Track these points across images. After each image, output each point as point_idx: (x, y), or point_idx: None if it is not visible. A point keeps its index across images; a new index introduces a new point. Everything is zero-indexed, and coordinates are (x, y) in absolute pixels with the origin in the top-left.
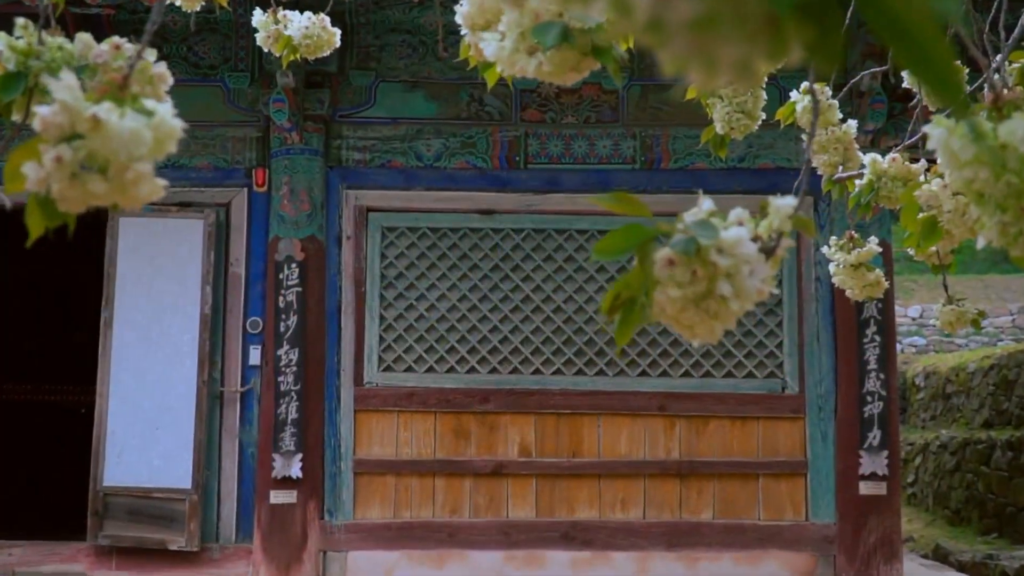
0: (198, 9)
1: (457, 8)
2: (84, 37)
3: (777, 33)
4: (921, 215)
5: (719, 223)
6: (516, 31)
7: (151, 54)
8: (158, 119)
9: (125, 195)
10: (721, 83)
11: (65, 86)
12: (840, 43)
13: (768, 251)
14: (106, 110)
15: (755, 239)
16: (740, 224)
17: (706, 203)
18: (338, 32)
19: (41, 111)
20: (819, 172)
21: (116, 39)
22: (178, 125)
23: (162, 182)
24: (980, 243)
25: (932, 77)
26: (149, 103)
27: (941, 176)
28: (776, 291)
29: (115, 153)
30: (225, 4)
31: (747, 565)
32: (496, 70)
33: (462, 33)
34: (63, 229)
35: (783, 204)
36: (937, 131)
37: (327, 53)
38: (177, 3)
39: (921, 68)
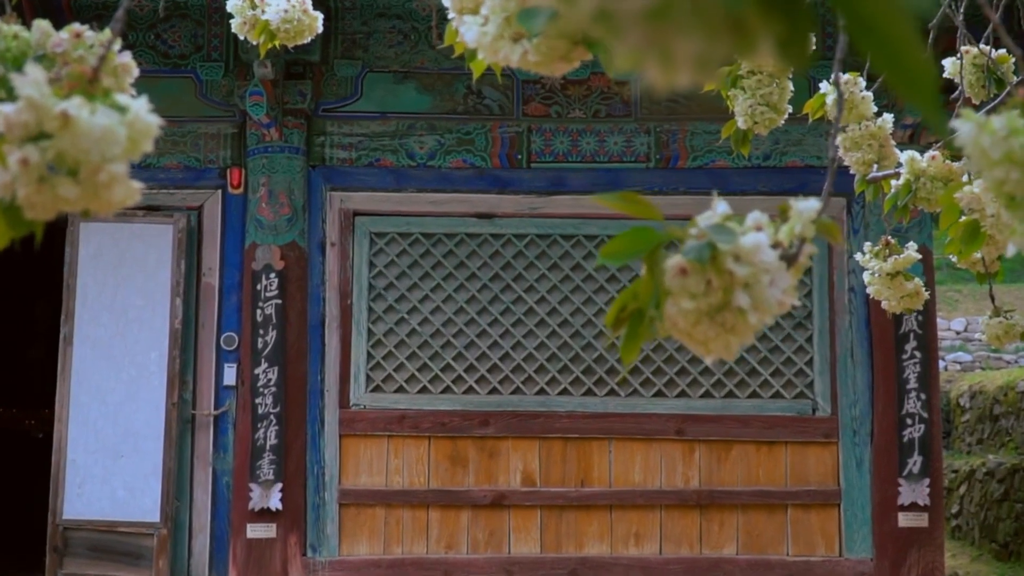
0: None
1: None
2: (42, 24)
3: (740, 27)
4: (962, 219)
5: (736, 228)
6: (500, 15)
7: (115, 43)
8: (132, 115)
9: (98, 199)
10: (680, 79)
11: (31, 81)
12: (809, 37)
13: (789, 259)
14: (76, 106)
15: (775, 245)
16: (759, 229)
17: (721, 206)
18: (320, 16)
19: (4, 109)
20: (852, 171)
21: (77, 26)
22: (154, 122)
23: (138, 185)
24: (1010, 250)
25: (906, 83)
26: (122, 98)
27: None
28: (803, 303)
29: (86, 153)
30: None
31: None
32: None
33: (451, 17)
34: (25, 237)
35: (805, 207)
36: (966, 126)
37: (309, 40)
38: None
39: (895, 72)
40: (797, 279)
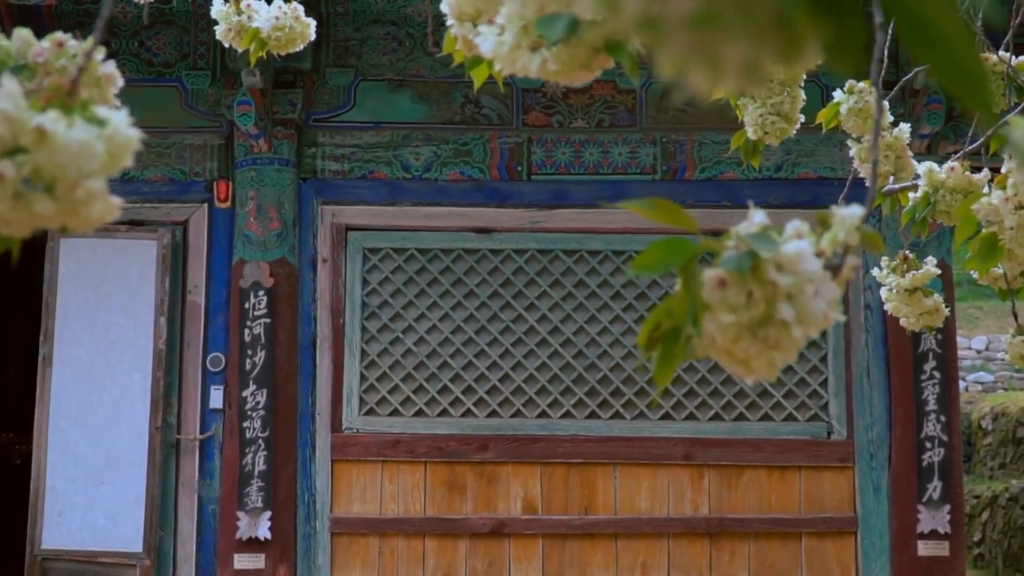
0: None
1: None
2: (23, 33)
3: (789, 31)
4: (980, 232)
5: (776, 237)
6: (517, 24)
7: (98, 52)
8: (111, 129)
9: (75, 216)
10: (727, 87)
11: (6, 93)
12: (863, 41)
13: (833, 269)
14: (52, 120)
15: (818, 255)
16: (800, 237)
17: (758, 215)
18: (313, 23)
19: None
20: (868, 183)
21: (59, 35)
22: (134, 135)
23: (117, 201)
24: None
25: (965, 87)
26: (101, 111)
27: (1004, 187)
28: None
29: (63, 169)
30: None
31: None
32: (485, 68)
33: (449, 24)
34: (4, 256)
35: (850, 214)
36: (1018, 132)
37: (300, 48)
38: None
39: (952, 76)
40: (841, 291)
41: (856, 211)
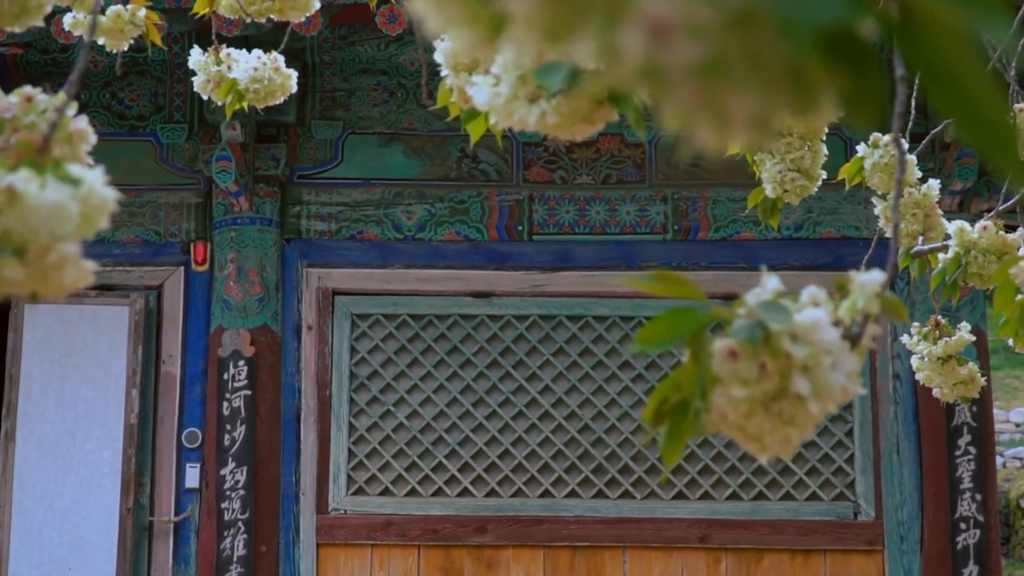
0: (125, 49)
1: (439, 44)
2: None
3: (803, 81)
4: (1019, 297)
5: (790, 305)
6: (514, 73)
7: (71, 106)
8: (86, 189)
9: (47, 282)
10: (736, 140)
11: None
12: (881, 91)
13: (852, 339)
14: (23, 180)
15: (835, 324)
16: (816, 304)
17: (772, 281)
18: (295, 74)
19: None
20: (891, 246)
21: (28, 89)
22: (111, 196)
23: (91, 265)
24: None
25: (993, 145)
26: (75, 169)
27: None
28: (861, 390)
29: (35, 232)
30: (159, 42)
31: None
32: (481, 121)
33: (444, 74)
34: None
35: (870, 280)
36: None
37: (281, 100)
38: (100, 42)
39: (979, 133)
40: (861, 363)
41: (877, 276)
